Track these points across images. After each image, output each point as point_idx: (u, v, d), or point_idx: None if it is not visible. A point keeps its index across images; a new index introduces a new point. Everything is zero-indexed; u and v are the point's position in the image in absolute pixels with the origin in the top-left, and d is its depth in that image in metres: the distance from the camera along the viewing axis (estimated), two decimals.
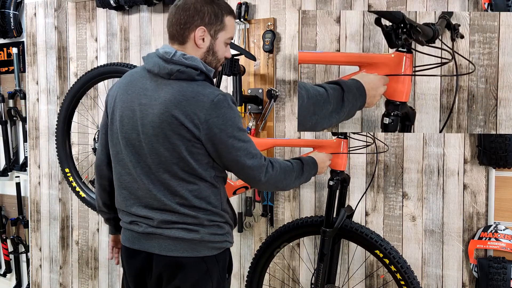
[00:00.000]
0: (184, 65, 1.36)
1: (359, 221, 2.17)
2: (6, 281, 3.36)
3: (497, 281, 1.89)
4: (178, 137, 1.35)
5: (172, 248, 1.42)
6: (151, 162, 1.39)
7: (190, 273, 1.43)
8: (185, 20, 1.39)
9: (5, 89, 3.27)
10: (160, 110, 1.35)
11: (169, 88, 1.36)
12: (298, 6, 2.27)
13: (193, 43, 1.41)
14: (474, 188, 1.97)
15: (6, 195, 3.35)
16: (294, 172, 1.54)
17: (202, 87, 1.37)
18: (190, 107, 1.33)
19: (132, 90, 1.43)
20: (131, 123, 1.41)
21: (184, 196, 1.40)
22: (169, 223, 1.42)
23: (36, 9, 3.06)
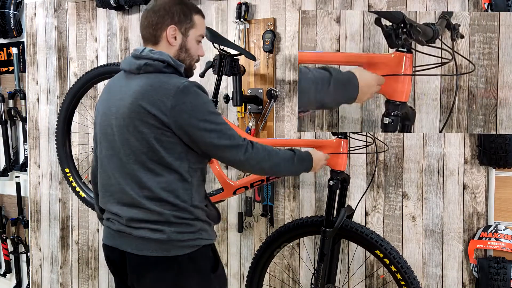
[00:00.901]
0: (151, 58, 1.43)
1: (359, 221, 2.17)
2: (6, 281, 3.36)
3: (497, 281, 1.89)
4: (146, 125, 1.37)
5: (141, 247, 1.42)
6: (123, 153, 1.43)
7: (161, 273, 1.42)
8: (156, 21, 1.47)
9: (5, 89, 3.27)
10: (129, 101, 1.40)
11: (137, 81, 1.42)
12: (298, 6, 2.27)
13: (166, 42, 1.48)
14: (474, 188, 1.97)
15: (6, 195, 3.35)
16: (279, 155, 1.54)
17: (169, 77, 1.42)
18: (156, 95, 1.37)
19: (110, 92, 1.52)
20: (107, 119, 1.47)
21: (151, 189, 1.40)
22: (135, 221, 1.42)
23: (36, 9, 3.06)
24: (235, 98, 2.16)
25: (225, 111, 2.46)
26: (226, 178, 2.05)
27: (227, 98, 2.28)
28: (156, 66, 1.42)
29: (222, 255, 2.52)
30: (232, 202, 2.48)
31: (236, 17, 2.34)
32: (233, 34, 2.41)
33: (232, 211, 2.48)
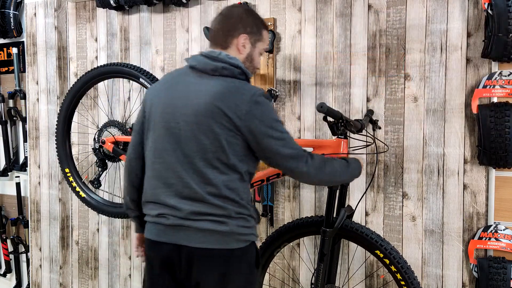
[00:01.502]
0: (228, 63, 1.48)
1: (359, 221, 2.17)
2: (6, 281, 3.36)
3: (497, 281, 1.89)
4: (219, 126, 1.42)
5: (201, 239, 1.45)
6: (189, 149, 1.45)
7: (219, 265, 1.46)
8: (230, 27, 1.55)
9: (5, 89, 3.27)
10: (204, 101, 1.44)
11: (213, 82, 1.47)
12: (298, 6, 2.27)
13: (235, 49, 1.55)
14: (474, 188, 1.97)
15: (6, 195, 3.35)
16: (335, 164, 1.60)
17: (243, 83, 1.50)
18: (233, 99, 1.43)
19: (174, 85, 1.54)
20: (173, 113, 1.49)
21: (217, 185, 1.44)
22: (198, 214, 1.45)
23: (36, 9, 3.06)
24: None
25: None
26: None
27: None
28: (232, 71, 1.49)
29: None
30: None
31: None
32: None
33: None
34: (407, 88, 2.07)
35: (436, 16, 2.01)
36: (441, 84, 2.01)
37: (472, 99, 1.94)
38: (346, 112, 2.19)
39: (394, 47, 2.09)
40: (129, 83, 2.73)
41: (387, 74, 2.10)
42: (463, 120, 1.98)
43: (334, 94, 2.21)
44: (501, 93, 1.90)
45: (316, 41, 2.24)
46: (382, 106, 2.12)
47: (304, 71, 2.27)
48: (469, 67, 1.96)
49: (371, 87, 2.14)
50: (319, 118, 2.25)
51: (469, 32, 1.96)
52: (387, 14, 2.09)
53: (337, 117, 1.71)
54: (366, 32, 2.14)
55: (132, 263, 2.82)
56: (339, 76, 2.20)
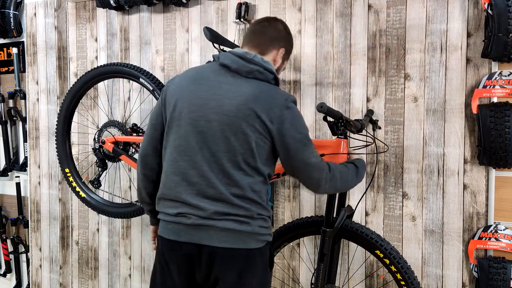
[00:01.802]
0: (263, 67, 1.52)
1: (359, 221, 2.17)
2: (6, 281, 3.36)
3: (497, 281, 1.89)
4: (251, 129, 1.44)
5: (223, 239, 1.45)
6: (217, 149, 1.45)
7: (239, 264, 1.47)
8: (276, 37, 1.62)
9: (5, 89, 3.27)
10: (239, 102, 1.45)
11: (248, 84, 1.49)
12: (298, 6, 2.27)
13: (271, 58, 1.61)
14: (474, 188, 1.97)
15: (6, 195, 3.35)
16: (349, 172, 1.65)
17: (276, 88, 1.55)
18: (266, 103, 1.46)
19: (203, 82, 1.52)
20: (201, 110, 1.47)
21: (243, 187, 1.46)
22: (221, 214, 1.45)
23: (36, 9, 3.06)
24: None
25: None
26: None
27: None
28: (266, 75, 1.52)
29: None
30: None
31: (236, 17, 2.34)
32: (233, 34, 2.41)
33: None
34: (407, 88, 2.07)
35: (436, 16, 2.01)
36: (441, 84, 2.01)
37: (472, 99, 1.94)
38: (346, 112, 2.19)
39: (394, 47, 2.09)
40: (129, 83, 2.73)
41: (387, 74, 2.10)
42: (463, 120, 1.98)
43: (334, 94, 2.21)
44: (501, 93, 1.90)
45: (316, 41, 2.24)
46: (382, 106, 2.12)
47: (304, 71, 2.27)
48: (469, 67, 1.96)
49: (371, 87, 2.14)
50: (319, 118, 2.25)
51: (469, 32, 1.96)
52: (387, 14, 2.09)
53: (337, 117, 1.71)
54: (366, 32, 2.14)
55: (132, 263, 2.82)
56: (339, 76, 2.20)
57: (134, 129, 2.33)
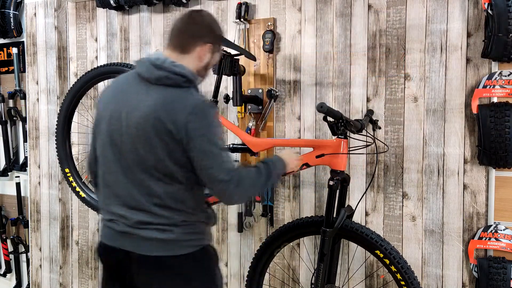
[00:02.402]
0: (172, 72, 1.43)
1: (359, 221, 2.17)
2: (6, 281, 3.36)
3: (497, 281, 1.89)
4: (159, 140, 1.39)
5: (148, 247, 1.44)
6: (131, 161, 1.44)
7: (166, 271, 1.45)
8: (198, 34, 1.50)
9: (5, 89, 3.27)
10: (145, 113, 1.40)
11: (156, 92, 1.42)
12: (298, 6, 2.27)
13: (196, 56, 1.50)
14: (474, 188, 1.97)
15: (6, 195, 3.35)
16: (262, 176, 1.54)
17: (187, 93, 1.44)
18: (173, 110, 1.38)
19: (121, 93, 1.50)
20: (117, 123, 1.46)
21: (161, 196, 1.43)
22: (144, 223, 1.44)
23: (36, 9, 3.06)
24: (235, 98, 2.16)
25: (225, 111, 2.46)
26: None
27: (227, 98, 2.28)
28: (176, 80, 1.43)
29: (222, 255, 2.52)
30: None
31: (236, 17, 2.34)
32: (233, 34, 2.41)
33: (232, 211, 2.48)
34: (407, 88, 2.07)
35: (436, 16, 2.01)
36: (441, 84, 2.01)
37: (472, 99, 1.94)
38: (346, 112, 2.19)
39: (394, 47, 2.09)
40: None
41: (387, 74, 2.10)
42: (463, 120, 1.98)
43: (334, 94, 2.21)
44: (501, 93, 1.90)
45: (316, 41, 2.24)
46: (382, 106, 2.12)
47: (304, 71, 2.27)
48: (469, 67, 1.96)
49: (371, 87, 2.14)
50: (319, 118, 2.25)
51: (469, 32, 1.96)
52: (387, 14, 2.09)
53: (337, 117, 1.71)
54: (366, 32, 2.14)
55: None
56: (339, 76, 2.20)
57: None
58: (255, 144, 2.01)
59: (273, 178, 1.59)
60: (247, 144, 2.02)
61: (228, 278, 2.52)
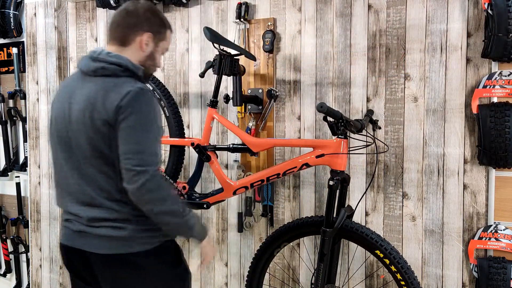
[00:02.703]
0: (108, 62, 1.43)
1: (359, 221, 2.17)
2: (6, 281, 3.36)
3: (497, 281, 1.89)
4: (96, 130, 1.38)
5: (103, 246, 1.43)
6: (79, 157, 1.43)
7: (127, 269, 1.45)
8: (134, 24, 1.48)
9: (5, 89, 3.27)
10: (83, 106, 1.40)
11: (92, 84, 1.42)
12: (298, 6, 2.27)
13: (137, 47, 1.50)
14: (474, 188, 1.97)
15: (6, 195, 3.35)
16: (177, 205, 1.43)
17: (123, 81, 1.41)
18: (108, 99, 1.36)
19: (65, 92, 1.50)
20: (62, 122, 1.46)
21: (109, 190, 1.42)
22: (96, 220, 1.42)
23: (36, 9, 3.06)
24: (235, 98, 2.16)
25: (225, 111, 2.46)
26: (226, 178, 2.05)
27: (227, 98, 2.28)
28: (113, 70, 1.42)
29: (222, 255, 2.52)
30: (232, 202, 2.48)
31: (236, 17, 2.34)
32: (233, 34, 2.41)
33: (232, 211, 2.48)
34: (407, 88, 2.07)
35: (436, 16, 2.01)
36: (441, 84, 2.01)
37: (472, 99, 1.94)
38: (346, 112, 2.19)
39: (394, 47, 2.09)
40: None
41: (387, 74, 2.10)
42: (463, 120, 1.98)
43: (334, 94, 2.21)
44: (501, 93, 1.90)
45: (316, 41, 2.24)
46: (382, 106, 2.12)
47: (304, 71, 2.27)
48: (469, 67, 1.96)
49: (371, 87, 2.14)
50: (319, 118, 2.25)
51: (469, 32, 1.96)
52: (387, 14, 2.09)
53: (337, 117, 1.71)
54: (366, 32, 2.14)
55: None
56: (339, 76, 2.20)
57: None
58: (255, 144, 2.01)
59: (188, 222, 1.47)
60: (247, 144, 2.03)
61: (228, 278, 2.52)
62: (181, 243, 2.63)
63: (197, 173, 2.18)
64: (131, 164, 1.34)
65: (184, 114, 2.54)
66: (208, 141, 2.14)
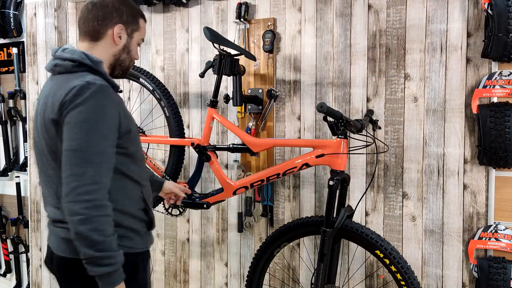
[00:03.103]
0: (62, 58, 1.36)
1: (359, 221, 2.17)
2: (6, 281, 3.36)
3: (497, 281, 1.89)
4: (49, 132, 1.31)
5: (61, 247, 1.38)
6: (44, 159, 1.39)
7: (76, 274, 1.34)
8: (104, 17, 1.41)
9: (5, 89, 3.27)
10: (41, 107, 1.35)
11: (51, 83, 1.37)
12: (298, 6, 2.27)
13: (110, 40, 1.43)
14: (474, 188, 1.97)
15: (6, 195, 3.35)
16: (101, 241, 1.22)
17: (75, 76, 1.32)
18: (55, 97, 1.29)
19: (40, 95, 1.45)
20: (34, 125, 1.42)
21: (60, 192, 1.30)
22: (57, 221, 1.38)
23: (36, 9, 3.06)
24: (235, 98, 2.16)
25: (225, 111, 2.46)
26: (226, 178, 2.05)
27: (227, 98, 2.28)
28: (66, 66, 1.35)
29: (222, 255, 2.52)
30: (232, 202, 2.48)
31: (236, 17, 2.34)
32: (233, 34, 2.41)
33: (232, 211, 2.48)
34: (407, 88, 2.07)
35: (436, 16, 2.01)
36: (441, 84, 2.01)
37: (472, 99, 1.94)
38: (346, 112, 2.19)
39: (394, 47, 2.09)
40: (129, 83, 2.72)
41: (387, 74, 2.10)
42: (463, 120, 1.98)
43: (334, 94, 2.21)
44: (501, 93, 1.90)
45: (316, 41, 2.24)
46: (382, 106, 2.12)
47: (304, 71, 2.27)
48: (469, 67, 1.96)
49: (371, 87, 2.14)
50: (319, 118, 2.25)
51: (469, 32, 1.96)
52: (387, 14, 2.09)
53: (337, 117, 1.71)
54: (366, 32, 2.14)
55: None
56: (339, 76, 2.20)
57: None
58: (255, 144, 2.01)
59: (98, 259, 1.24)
60: (247, 144, 2.03)
61: (228, 278, 2.52)
62: (181, 244, 2.64)
63: (197, 173, 2.18)
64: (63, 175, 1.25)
65: (184, 114, 2.54)
66: (208, 141, 2.14)
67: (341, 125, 1.76)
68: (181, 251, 2.65)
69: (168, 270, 2.71)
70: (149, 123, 2.65)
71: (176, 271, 2.69)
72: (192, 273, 2.63)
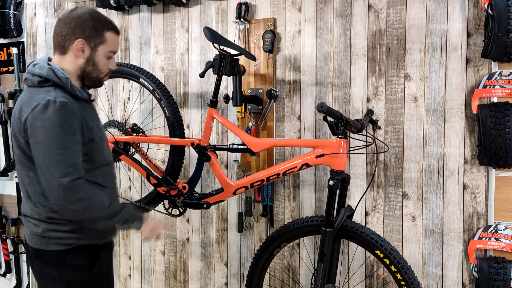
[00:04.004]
0: (31, 73, 1.50)
1: (359, 221, 2.17)
2: (6, 281, 3.36)
3: (497, 281, 1.89)
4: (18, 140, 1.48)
5: (30, 239, 1.56)
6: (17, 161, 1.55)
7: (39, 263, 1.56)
8: (66, 32, 1.52)
9: (5, 89, 3.27)
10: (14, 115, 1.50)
11: (23, 95, 1.51)
12: (298, 6, 2.27)
13: (73, 54, 1.53)
14: (474, 188, 1.97)
15: (6, 195, 3.35)
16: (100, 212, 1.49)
17: (40, 92, 1.46)
18: (21, 112, 1.45)
19: None
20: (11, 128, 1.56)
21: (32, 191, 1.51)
22: (26, 216, 1.56)
23: (36, 9, 3.06)
24: (235, 98, 2.16)
25: (225, 111, 2.46)
26: (226, 178, 2.05)
27: (227, 98, 2.28)
28: (33, 81, 1.48)
29: (222, 255, 2.52)
30: (232, 202, 2.48)
31: (236, 17, 2.35)
32: (233, 34, 2.41)
33: (232, 211, 2.48)
34: (407, 88, 2.07)
35: (436, 16, 2.01)
36: (441, 84, 2.01)
37: (472, 99, 1.94)
38: (346, 112, 2.19)
39: (394, 47, 2.09)
40: (129, 83, 2.72)
41: (387, 74, 2.10)
42: (463, 120, 1.98)
43: (334, 94, 2.21)
44: (501, 93, 1.90)
45: (316, 41, 2.24)
46: (382, 106, 2.12)
47: (304, 71, 2.27)
48: (469, 67, 1.96)
49: (371, 87, 2.14)
50: (319, 118, 2.25)
51: (469, 32, 1.96)
52: (387, 14, 2.09)
53: (337, 117, 1.71)
54: (366, 32, 2.14)
55: (132, 263, 2.82)
56: (339, 76, 2.20)
57: (134, 129, 2.32)
58: (255, 144, 2.01)
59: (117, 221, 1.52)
60: (247, 144, 2.02)
61: (228, 278, 2.52)
62: (181, 244, 2.64)
63: (197, 173, 2.18)
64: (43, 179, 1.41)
65: (184, 114, 2.54)
66: (208, 141, 2.14)
67: (341, 125, 1.76)
68: (181, 251, 2.65)
69: (168, 270, 2.71)
70: (149, 123, 2.65)
71: (176, 271, 2.69)
72: (192, 273, 2.63)
